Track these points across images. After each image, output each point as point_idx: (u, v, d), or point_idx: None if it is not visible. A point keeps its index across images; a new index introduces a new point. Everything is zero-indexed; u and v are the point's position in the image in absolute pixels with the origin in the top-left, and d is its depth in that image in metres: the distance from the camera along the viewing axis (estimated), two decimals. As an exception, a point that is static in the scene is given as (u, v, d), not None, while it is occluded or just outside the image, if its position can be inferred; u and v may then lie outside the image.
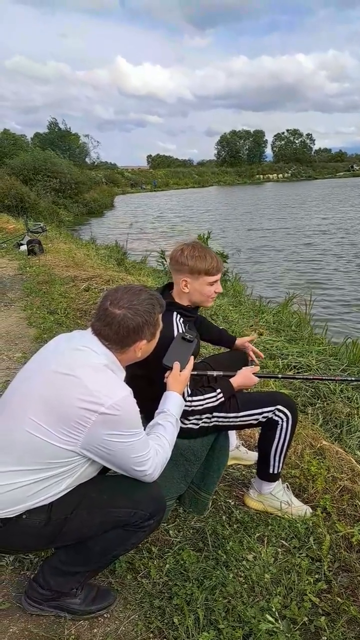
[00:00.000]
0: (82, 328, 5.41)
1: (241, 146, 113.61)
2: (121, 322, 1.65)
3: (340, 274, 12.49)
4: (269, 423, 2.25)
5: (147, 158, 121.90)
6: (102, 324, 1.67)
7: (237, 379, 2.22)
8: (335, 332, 7.29)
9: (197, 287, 2.20)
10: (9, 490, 1.57)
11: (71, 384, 1.57)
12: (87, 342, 1.68)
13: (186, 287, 2.20)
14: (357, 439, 3.75)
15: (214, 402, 2.15)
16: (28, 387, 1.65)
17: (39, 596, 1.80)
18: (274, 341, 5.74)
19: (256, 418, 2.24)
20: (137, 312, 1.66)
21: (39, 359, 1.73)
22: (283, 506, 2.37)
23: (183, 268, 2.18)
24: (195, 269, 2.17)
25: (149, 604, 1.87)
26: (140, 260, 12.62)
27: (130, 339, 1.67)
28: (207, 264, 2.17)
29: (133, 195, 54.88)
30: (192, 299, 2.24)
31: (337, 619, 1.80)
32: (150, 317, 1.69)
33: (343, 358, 5.39)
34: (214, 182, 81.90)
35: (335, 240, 17.82)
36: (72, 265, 9.43)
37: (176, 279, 2.23)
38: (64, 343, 1.72)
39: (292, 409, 2.24)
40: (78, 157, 60.10)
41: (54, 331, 5.36)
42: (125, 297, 1.69)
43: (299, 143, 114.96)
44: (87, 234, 18.46)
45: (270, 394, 2.46)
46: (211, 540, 2.18)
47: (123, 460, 1.62)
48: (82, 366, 1.60)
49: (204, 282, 2.20)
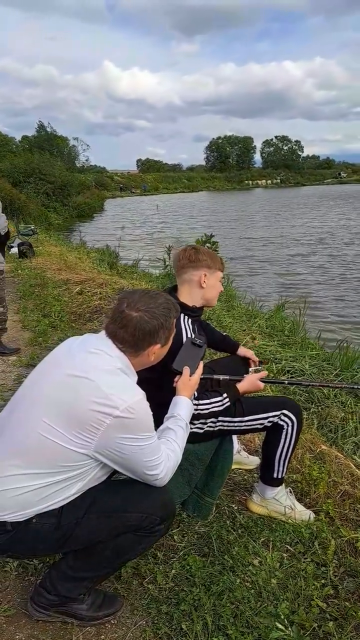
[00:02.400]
0: (78, 331, 5.44)
1: (230, 152, 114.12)
2: (137, 325, 1.64)
3: (333, 280, 12.57)
4: (274, 427, 2.25)
5: (137, 162, 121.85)
6: (117, 326, 1.66)
7: (243, 384, 2.22)
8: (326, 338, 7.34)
9: (213, 282, 2.27)
10: (19, 494, 1.55)
11: (85, 386, 1.56)
12: (101, 345, 1.67)
13: (205, 282, 2.24)
14: (352, 444, 3.77)
15: (219, 406, 2.15)
16: (40, 390, 1.63)
17: (46, 602, 1.78)
18: (267, 345, 5.76)
19: (261, 423, 2.24)
20: (154, 315, 1.66)
21: (51, 362, 1.72)
22: (287, 511, 2.37)
23: (201, 264, 2.24)
24: (212, 264, 2.26)
25: (156, 610, 1.86)
26: (132, 264, 12.59)
27: (146, 342, 1.67)
28: (218, 260, 2.32)
29: (123, 199, 54.81)
30: (206, 296, 2.28)
31: (345, 624, 1.80)
32: (166, 321, 1.69)
33: (336, 363, 5.43)
34: (204, 187, 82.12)
35: (328, 246, 17.94)
36: (64, 268, 9.39)
37: (192, 276, 2.25)
38: (77, 346, 1.71)
39: (297, 413, 2.25)
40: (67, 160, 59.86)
41: (49, 335, 5.34)
42: (143, 300, 1.68)
43: (287, 150, 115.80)
44: (77, 237, 18.37)
45: (276, 399, 2.46)
46: (216, 545, 2.17)
47: (135, 463, 1.62)
48: (96, 369, 1.59)
49: (217, 278, 2.30)
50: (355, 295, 10.91)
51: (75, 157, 68.32)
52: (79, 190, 37.58)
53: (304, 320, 7.35)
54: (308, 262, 15.00)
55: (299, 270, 13.81)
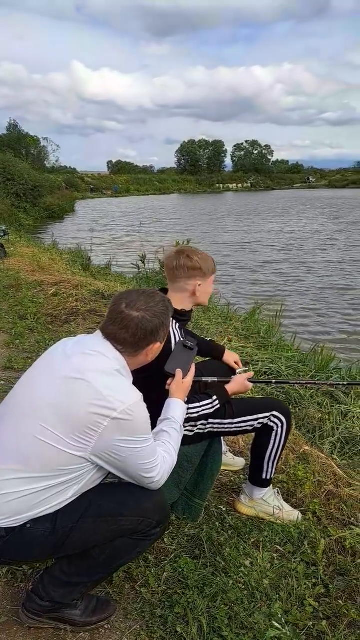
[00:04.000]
0: (55, 334, 5.37)
1: (201, 155, 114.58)
2: (139, 325, 1.63)
3: (305, 283, 12.76)
4: (264, 429, 2.27)
5: (108, 164, 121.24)
6: (117, 327, 1.64)
7: (231, 385, 2.23)
8: (302, 339, 7.44)
9: (206, 288, 2.25)
10: (14, 499, 1.52)
11: (82, 388, 1.54)
12: (98, 346, 1.65)
13: (198, 291, 2.21)
14: (329, 444, 3.83)
15: (209, 409, 2.15)
16: (35, 392, 1.61)
17: (38, 608, 1.75)
18: (243, 347, 5.81)
19: (251, 424, 2.26)
20: (155, 314, 1.66)
21: (45, 364, 1.69)
22: (275, 511, 2.39)
23: (196, 272, 2.19)
24: (206, 270, 2.21)
25: (150, 614, 1.85)
26: (105, 265, 12.52)
27: (146, 342, 1.66)
28: (210, 262, 2.25)
29: (94, 201, 54.43)
30: (199, 301, 2.26)
31: (337, 622, 1.83)
32: (166, 319, 1.70)
33: (311, 364, 5.51)
34: (175, 190, 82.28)
35: (299, 251, 18.18)
36: (38, 269, 9.27)
37: (185, 285, 2.20)
38: (72, 347, 1.68)
39: (287, 415, 2.27)
40: (37, 161, 59.03)
41: (26, 337, 5.25)
42: (141, 299, 1.68)
43: (257, 154, 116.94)
44: (48, 238, 18.15)
45: (265, 400, 2.48)
46: (207, 547, 2.17)
47: (132, 466, 1.60)
48: (93, 370, 1.57)
49: (210, 282, 2.27)
50: (328, 299, 11.11)
51: (45, 158, 67.44)
52: (50, 191, 37.12)
53: (279, 322, 7.44)
54: (280, 267, 15.17)
55: (271, 275, 13.96)
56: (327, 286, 12.39)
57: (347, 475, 2.92)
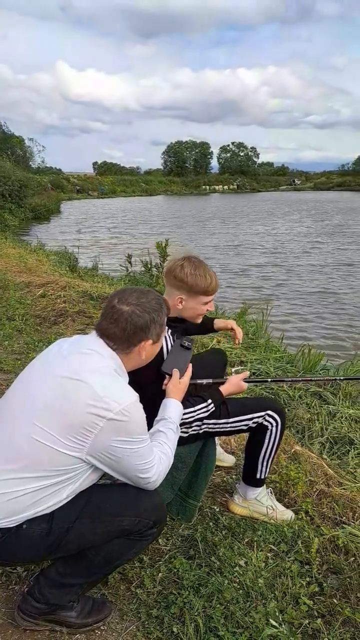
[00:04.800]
0: (44, 335, 5.34)
1: (188, 157, 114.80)
2: (128, 319, 1.63)
3: (290, 286, 12.84)
4: (259, 428, 2.28)
5: (93, 165, 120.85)
6: (108, 322, 1.65)
7: (226, 386, 2.23)
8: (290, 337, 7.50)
9: (192, 305, 2.16)
10: (9, 499, 1.52)
11: (79, 388, 1.53)
12: (93, 345, 1.65)
13: (180, 304, 2.15)
14: (318, 444, 3.86)
15: (205, 412, 2.15)
16: (31, 392, 1.60)
17: (34, 610, 1.74)
18: (232, 348, 5.83)
19: (246, 424, 2.26)
20: (145, 309, 1.66)
21: (41, 364, 1.68)
22: (268, 511, 2.40)
23: (181, 285, 2.12)
24: (194, 289, 2.12)
25: (146, 614, 1.85)
26: (92, 266, 12.47)
27: (137, 337, 1.66)
28: (206, 283, 2.13)
29: (80, 202, 54.20)
30: (183, 315, 2.21)
31: (332, 620, 1.85)
32: (158, 316, 1.69)
33: (299, 365, 5.55)
34: (161, 191, 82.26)
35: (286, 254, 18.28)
36: (25, 270, 9.21)
37: (172, 293, 2.17)
38: (68, 347, 1.68)
39: (281, 414, 2.28)
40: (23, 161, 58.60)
41: (14, 338, 5.21)
42: (134, 294, 1.68)
43: (243, 156, 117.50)
44: (34, 239, 18.02)
45: (260, 400, 2.49)
46: (202, 547, 2.17)
47: (128, 467, 1.60)
48: (89, 370, 1.57)
49: (199, 302, 2.17)
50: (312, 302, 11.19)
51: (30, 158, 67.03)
52: (35, 191, 36.86)
53: (267, 323, 7.49)
54: (266, 269, 15.23)
55: (257, 278, 14.01)
56: (311, 289, 12.47)
57: (337, 474, 2.95)
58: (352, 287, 12.66)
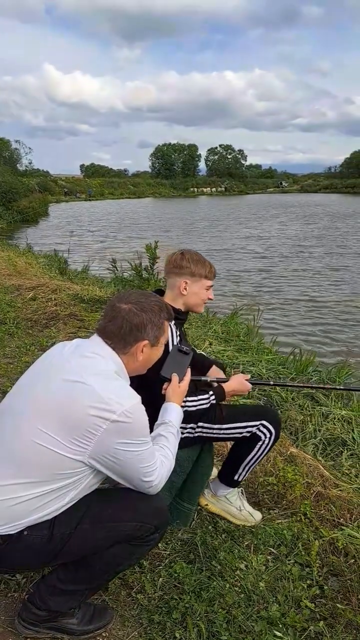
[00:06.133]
0: (35, 338, 5.30)
1: (175, 159, 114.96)
2: (125, 317, 1.63)
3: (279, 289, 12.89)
4: (252, 437, 2.25)
5: (81, 167, 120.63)
6: (107, 320, 1.65)
7: (231, 383, 2.22)
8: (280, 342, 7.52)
9: (195, 289, 2.25)
10: (11, 505, 1.49)
11: (81, 391, 1.52)
12: (94, 348, 1.63)
13: (185, 289, 2.23)
14: (312, 446, 3.87)
15: (206, 403, 2.14)
16: (32, 395, 1.58)
17: (35, 617, 1.72)
18: (224, 351, 5.83)
19: (240, 432, 2.24)
20: (143, 308, 1.66)
21: (43, 368, 1.67)
22: (234, 511, 2.40)
23: (184, 271, 2.23)
24: (196, 272, 2.23)
25: (147, 620, 1.83)
26: (82, 269, 12.42)
27: (132, 336, 1.65)
28: (206, 268, 2.26)
29: (68, 204, 53.98)
30: (188, 302, 2.26)
31: (334, 623, 1.85)
32: (156, 317, 1.68)
33: (291, 367, 5.57)
34: (149, 194, 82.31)
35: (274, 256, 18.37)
36: (15, 273, 9.14)
37: (175, 282, 2.25)
38: (69, 350, 1.66)
39: (277, 425, 2.25)
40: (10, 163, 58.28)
41: (5, 342, 5.17)
42: (134, 295, 1.70)
43: (231, 158, 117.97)
44: (22, 241, 17.90)
45: (257, 408, 2.48)
46: (202, 551, 2.17)
47: (131, 470, 1.59)
48: (91, 373, 1.56)
49: (202, 286, 2.26)
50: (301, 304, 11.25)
51: (17, 160, 66.65)
52: (23, 194, 36.67)
53: (258, 325, 7.51)
54: (255, 273, 15.27)
55: (246, 281, 14.05)
56: (300, 291, 12.54)
57: (333, 476, 2.96)
58: (340, 289, 12.75)
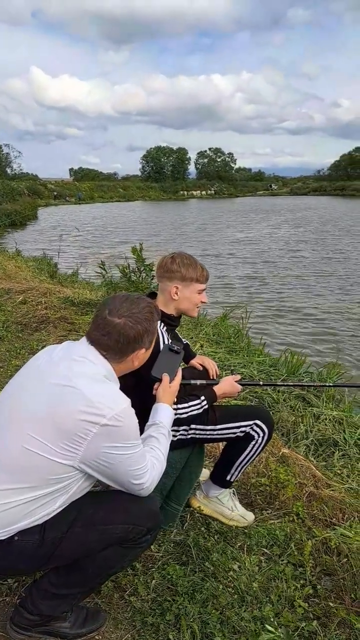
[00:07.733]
0: (26, 342, 5.27)
1: (165, 162, 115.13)
2: (121, 332, 1.61)
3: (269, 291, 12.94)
4: (245, 437, 2.26)
5: (70, 171, 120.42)
6: (100, 333, 1.62)
7: (221, 386, 2.22)
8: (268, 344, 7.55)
9: (187, 294, 2.21)
10: (2, 511, 1.48)
11: (71, 395, 1.51)
12: (84, 352, 1.62)
13: (176, 294, 2.19)
14: (304, 446, 3.87)
15: (198, 409, 2.14)
16: (21, 400, 1.57)
17: (27, 622, 1.70)
18: (215, 352, 5.83)
19: (234, 432, 2.24)
20: (138, 321, 1.64)
21: (31, 372, 1.65)
22: (227, 512, 2.40)
23: (175, 275, 2.18)
24: (187, 276, 2.18)
25: (140, 622, 1.82)
26: (72, 273, 12.38)
27: (130, 348, 1.64)
28: (197, 272, 2.21)
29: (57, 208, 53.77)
30: (180, 307, 2.23)
31: (327, 622, 1.85)
32: (150, 325, 1.67)
33: (282, 369, 5.58)
34: (139, 197, 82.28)
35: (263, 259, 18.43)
36: (4, 277, 9.09)
37: (166, 286, 2.21)
38: (58, 354, 1.65)
39: (269, 425, 2.26)
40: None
41: (-5, 345, 5.14)
42: (125, 305, 1.65)
43: (220, 161, 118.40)
44: (10, 245, 17.81)
45: (249, 408, 2.47)
46: (195, 552, 2.16)
47: (122, 473, 1.58)
48: (80, 377, 1.54)
49: (194, 290, 2.22)
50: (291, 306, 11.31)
51: (7, 164, 66.36)
52: (11, 197, 36.52)
53: (247, 327, 7.52)
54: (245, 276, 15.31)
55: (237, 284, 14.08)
56: (290, 293, 12.61)
57: (325, 476, 2.97)
58: (330, 291, 12.83)
